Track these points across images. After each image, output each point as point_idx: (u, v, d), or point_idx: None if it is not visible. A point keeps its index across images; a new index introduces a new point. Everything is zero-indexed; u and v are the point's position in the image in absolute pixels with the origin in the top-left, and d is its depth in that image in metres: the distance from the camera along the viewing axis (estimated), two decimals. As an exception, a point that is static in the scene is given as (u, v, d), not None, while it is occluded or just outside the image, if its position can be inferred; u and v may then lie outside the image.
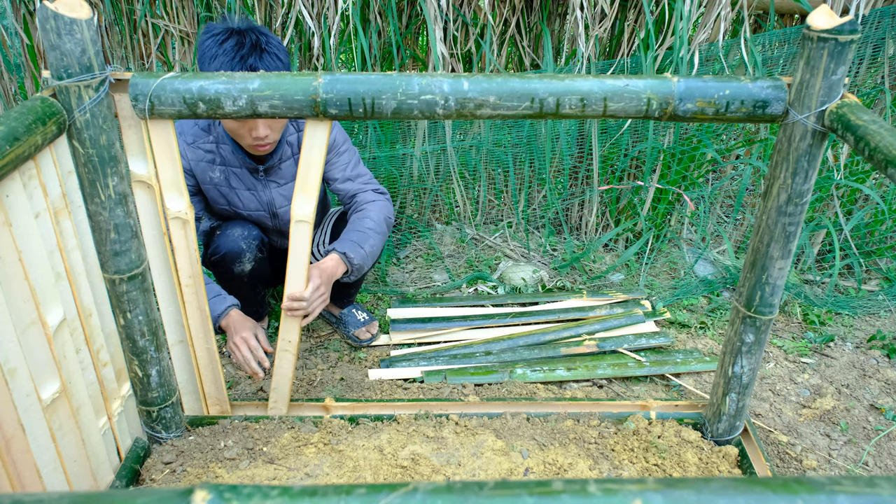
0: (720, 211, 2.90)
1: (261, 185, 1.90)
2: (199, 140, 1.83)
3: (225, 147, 1.83)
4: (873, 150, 1.05)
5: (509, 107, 1.24)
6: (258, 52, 1.60)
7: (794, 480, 0.47)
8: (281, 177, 1.91)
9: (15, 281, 1.13)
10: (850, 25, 1.15)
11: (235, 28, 1.62)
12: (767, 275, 1.43)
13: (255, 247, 1.91)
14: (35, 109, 1.12)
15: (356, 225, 1.86)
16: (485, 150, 2.69)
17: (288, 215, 1.96)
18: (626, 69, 2.47)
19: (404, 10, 2.56)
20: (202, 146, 1.83)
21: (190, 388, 1.68)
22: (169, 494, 0.48)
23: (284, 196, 1.94)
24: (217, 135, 1.83)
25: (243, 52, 1.59)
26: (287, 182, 1.93)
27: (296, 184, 1.41)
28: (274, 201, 1.93)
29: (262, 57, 1.61)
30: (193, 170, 1.85)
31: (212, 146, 1.83)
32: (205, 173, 1.85)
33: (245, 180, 1.88)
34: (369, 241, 1.83)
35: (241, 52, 1.59)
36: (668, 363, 2.09)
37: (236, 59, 1.59)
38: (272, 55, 1.62)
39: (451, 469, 1.58)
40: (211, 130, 1.83)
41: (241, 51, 1.59)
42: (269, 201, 1.93)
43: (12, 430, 1.16)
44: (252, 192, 1.91)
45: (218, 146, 1.83)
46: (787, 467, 1.75)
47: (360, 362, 2.13)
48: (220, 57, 1.59)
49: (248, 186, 1.89)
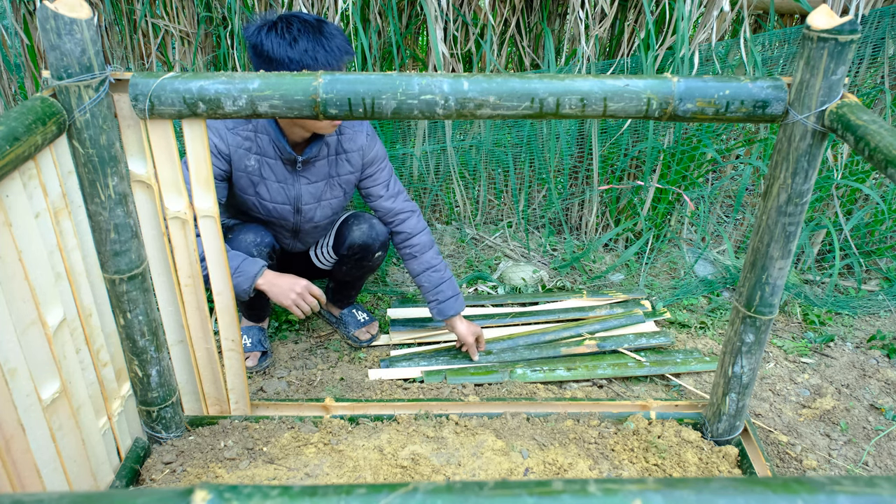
0: (720, 211, 2.90)
1: (292, 178, 1.89)
2: (238, 127, 1.81)
3: (263, 137, 1.82)
4: (873, 150, 1.05)
5: (509, 107, 1.24)
6: (326, 28, 1.64)
7: (794, 480, 0.47)
8: (314, 174, 1.91)
9: (15, 281, 1.13)
10: (850, 25, 1.15)
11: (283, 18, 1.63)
12: (767, 275, 1.43)
13: (266, 254, 1.90)
14: (35, 109, 1.12)
15: (440, 276, 2.03)
16: (485, 150, 2.69)
17: (311, 213, 1.96)
18: (626, 69, 2.47)
19: (404, 10, 2.56)
20: (241, 133, 1.81)
21: (190, 388, 1.68)
22: (169, 494, 0.48)
23: (312, 194, 1.93)
24: (256, 124, 1.81)
25: (325, 39, 1.62)
26: (318, 180, 1.92)
27: (191, 177, 1.41)
28: (301, 197, 1.92)
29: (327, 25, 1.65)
30: (232, 155, 1.83)
31: (250, 134, 1.82)
32: (241, 160, 1.84)
33: (277, 172, 1.87)
34: (452, 278, 2.06)
35: (324, 41, 1.62)
36: (668, 363, 2.09)
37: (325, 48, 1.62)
38: (332, 25, 1.67)
39: (451, 469, 1.58)
40: (251, 119, 1.82)
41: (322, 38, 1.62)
42: (296, 196, 1.92)
43: (12, 430, 1.16)
44: (282, 185, 1.89)
45: (256, 135, 1.82)
46: (787, 467, 1.75)
47: (360, 362, 2.14)
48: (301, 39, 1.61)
49: (279, 179, 1.88)
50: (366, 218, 2.01)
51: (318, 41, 1.61)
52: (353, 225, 2.00)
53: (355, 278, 2.15)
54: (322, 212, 1.98)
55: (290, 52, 1.60)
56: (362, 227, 1.99)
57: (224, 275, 1.54)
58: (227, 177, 1.87)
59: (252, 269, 1.78)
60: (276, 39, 1.60)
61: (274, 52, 1.60)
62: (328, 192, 1.95)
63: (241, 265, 1.78)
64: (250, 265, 1.79)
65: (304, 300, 1.82)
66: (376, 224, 2.00)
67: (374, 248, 2.00)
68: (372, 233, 1.98)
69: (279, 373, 2.07)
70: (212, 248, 1.49)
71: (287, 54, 1.60)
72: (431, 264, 2.01)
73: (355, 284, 2.21)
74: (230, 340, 1.63)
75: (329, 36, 1.63)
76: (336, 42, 1.64)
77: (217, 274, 1.53)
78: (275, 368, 2.10)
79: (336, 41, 1.64)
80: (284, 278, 1.82)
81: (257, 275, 1.79)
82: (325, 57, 1.62)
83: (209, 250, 1.50)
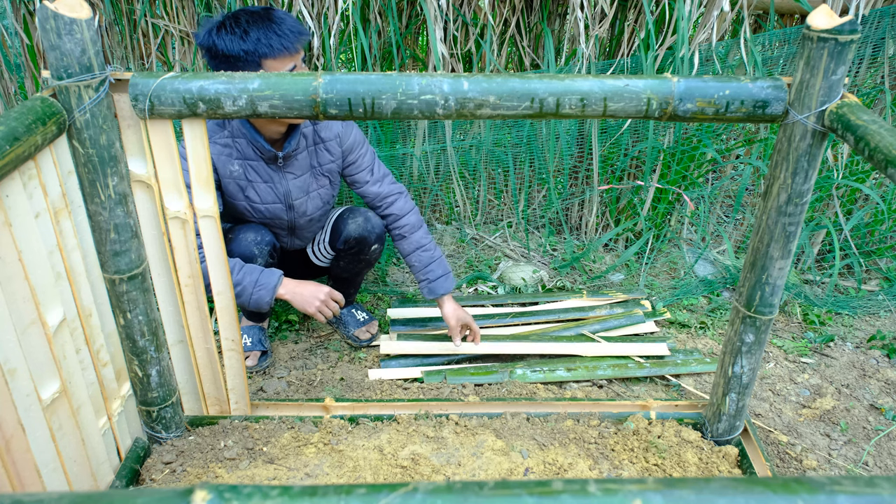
0: (720, 211, 2.90)
1: (278, 176, 1.90)
2: (214, 135, 1.82)
3: (240, 141, 1.83)
4: (873, 150, 1.05)
5: (509, 107, 1.24)
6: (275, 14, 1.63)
7: (794, 480, 0.47)
8: (297, 168, 1.91)
9: (15, 281, 1.13)
10: (850, 25, 1.15)
11: (230, 16, 1.62)
12: (767, 275, 1.43)
13: (267, 252, 1.91)
14: (35, 109, 1.12)
15: (430, 255, 2.01)
16: (485, 150, 2.69)
17: (303, 207, 1.97)
18: (626, 69, 2.47)
19: (404, 10, 2.56)
20: (218, 141, 1.82)
21: (190, 387, 1.68)
22: (169, 494, 0.48)
23: (300, 187, 1.94)
24: (231, 129, 1.82)
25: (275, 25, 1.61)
26: (303, 174, 1.93)
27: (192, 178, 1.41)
28: (290, 192, 1.93)
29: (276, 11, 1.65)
30: (215, 164, 1.84)
31: (227, 140, 1.83)
32: (225, 167, 1.85)
33: (262, 173, 1.88)
34: (443, 258, 2.04)
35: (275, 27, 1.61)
36: (668, 364, 2.09)
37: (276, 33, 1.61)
38: (279, 11, 1.66)
39: (451, 469, 1.58)
40: (225, 125, 1.82)
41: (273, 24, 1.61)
42: (285, 192, 1.92)
43: (12, 430, 1.16)
44: (269, 185, 1.90)
45: (233, 140, 1.83)
46: (787, 467, 1.75)
47: (360, 362, 2.14)
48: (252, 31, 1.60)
49: (265, 179, 1.89)
50: (361, 211, 2.02)
51: (268, 28, 1.61)
52: (348, 219, 2.00)
53: (353, 274, 2.15)
54: (313, 203, 1.99)
55: (244, 44, 1.60)
56: (357, 220, 1.99)
57: (224, 275, 1.54)
58: (216, 185, 1.88)
59: (271, 281, 1.79)
60: (227, 36, 1.60)
61: (228, 48, 1.60)
62: (314, 182, 1.96)
63: (260, 278, 1.78)
64: (268, 277, 1.79)
65: (327, 307, 1.85)
66: (371, 217, 2.00)
67: (369, 240, 2.00)
68: (367, 225, 1.99)
69: (279, 373, 2.07)
70: (212, 248, 1.49)
71: (241, 47, 1.60)
72: (421, 244, 2.01)
73: (354, 281, 2.21)
74: (230, 340, 1.63)
75: (279, 21, 1.63)
76: (287, 25, 1.63)
77: (217, 274, 1.53)
78: (275, 368, 2.10)
79: (287, 24, 1.63)
80: (306, 286, 1.84)
81: (277, 285, 1.79)
82: (279, 42, 1.62)
83: (209, 250, 1.50)
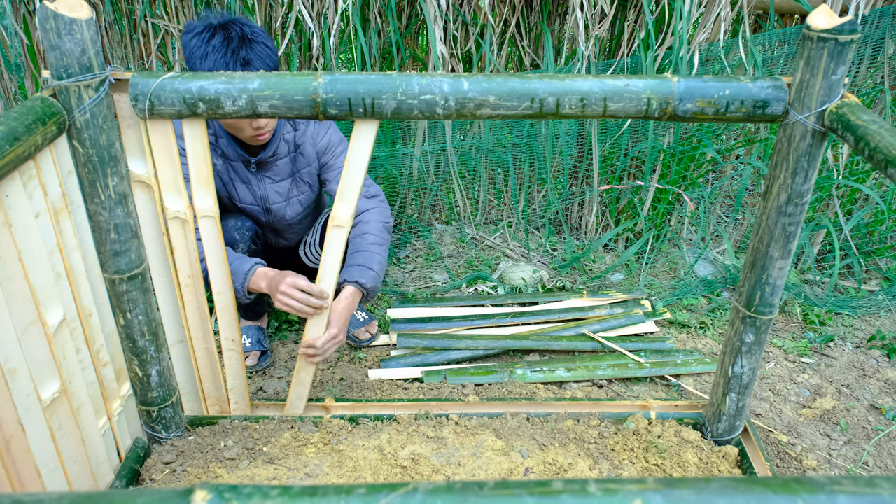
0: (720, 211, 2.90)
1: (255, 178, 1.91)
2: None
3: (222, 140, 1.85)
4: (873, 150, 1.05)
5: (509, 107, 1.24)
6: (247, 43, 1.60)
7: (794, 480, 0.47)
8: (276, 173, 1.92)
9: (15, 281, 1.13)
10: (850, 25, 1.15)
11: (217, 23, 1.62)
12: (767, 275, 1.43)
13: (249, 238, 1.92)
14: (35, 109, 1.12)
15: (358, 245, 1.83)
16: (485, 150, 2.69)
17: (282, 212, 1.97)
18: (626, 69, 2.47)
19: (404, 10, 2.56)
20: None
21: (190, 387, 1.68)
22: (169, 494, 0.48)
23: (279, 192, 1.95)
24: (215, 128, 1.84)
25: (233, 45, 1.59)
26: (282, 179, 1.94)
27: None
28: (268, 196, 1.94)
29: (253, 47, 1.61)
30: None
31: (211, 139, 1.85)
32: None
33: (241, 173, 1.90)
34: (375, 258, 1.80)
35: (232, 47, 1.59)
36: (668, 364, 2.09)
37: (228, 53, 1.58)
38: (260, 44, 1.63)
39: (451, 469, 1.58)
40: (210, 124, 1.84)
41: (231, 45, 1.59)
42: (262, 196, 1.94)
43: (12, 430, 1.16)
44: (247, 186, 1.92)
45: (217, 139, 1.85)
46: (787, 467, 1.75)
47: (360, 362, 2.14)
48: (212, 55, 1.58)
49: (243, 180, 1.91)
50: None
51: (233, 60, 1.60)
52: None
53: None
54: (292, 209, 1.99)
55: (201, 62, 1.60)
56: None
57: (224, 275, 1.54)
58: None
59: (242, 268, 1.68)
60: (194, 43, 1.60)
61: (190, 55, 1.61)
62: (294, 189, 1.97)
63: (233, 264, 1.70)
64: (241, 264, 1.70)
65: (292, 298, 1.60)
66: None
67: None
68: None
69: (279, 373, 2.07)
70: (212, 248, 1.49)
71: (199, 64, 1.60)
72: (363, 231, 1.87)
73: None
74: (230, 340, 1.63)
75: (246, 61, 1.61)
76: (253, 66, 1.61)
77: (217, 274, 1.54)
78: (275, 368, 2.10)
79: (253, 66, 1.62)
80: (284, 276, 1.64)
81: (248, 273, 1.67)
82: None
83: (209, 250, 1.50)
